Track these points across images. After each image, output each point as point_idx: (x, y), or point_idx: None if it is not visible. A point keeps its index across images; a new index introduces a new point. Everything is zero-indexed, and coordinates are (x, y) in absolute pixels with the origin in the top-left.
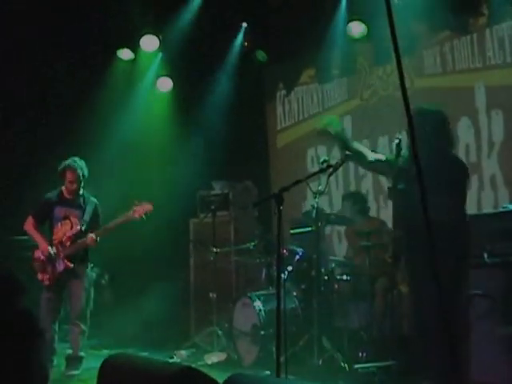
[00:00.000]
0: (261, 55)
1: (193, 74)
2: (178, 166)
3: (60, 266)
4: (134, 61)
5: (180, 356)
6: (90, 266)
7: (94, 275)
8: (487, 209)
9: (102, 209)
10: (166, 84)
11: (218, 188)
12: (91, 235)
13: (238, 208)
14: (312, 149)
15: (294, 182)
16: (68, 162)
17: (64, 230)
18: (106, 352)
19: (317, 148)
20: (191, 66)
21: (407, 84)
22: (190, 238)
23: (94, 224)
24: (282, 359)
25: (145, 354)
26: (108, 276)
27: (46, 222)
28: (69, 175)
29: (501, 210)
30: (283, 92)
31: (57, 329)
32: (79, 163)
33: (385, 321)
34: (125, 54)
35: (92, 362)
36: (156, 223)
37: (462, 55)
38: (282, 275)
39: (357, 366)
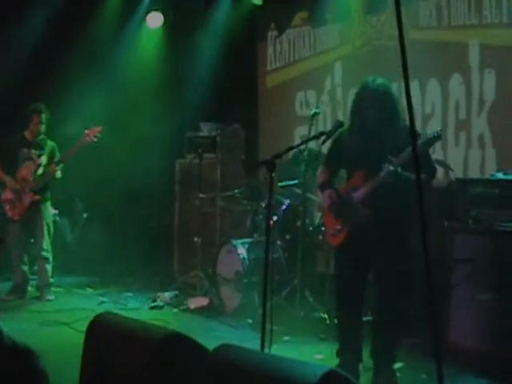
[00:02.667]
0: None
1: (184, 10)
2: (167, 105)
3: (27, 199)
4: None
5: (163, 298)
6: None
7: (52, 211)
8: (474, 168)
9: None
10: (156, 19)
11: (205, 130)
12: (52, 166)
13: (225, 151)
14: (301, 92)
15: (286, 148)
16: (35, 105)
17: (27, 168)
18: (90, 291)
19: (306, 92)
20: (183, 2)
21: None
22: (175, 179)
23: (51, 161)
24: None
25: (129, 294)
26: (87, 215)
27: (10, 166)
28: (35, 118)
29: (488, 177)
30: (275, 33)
31: (25, 258)
32: (44, 107)
33: None
34: None
35: (77, 302)
36: (142, 162)
37: (458, 11)
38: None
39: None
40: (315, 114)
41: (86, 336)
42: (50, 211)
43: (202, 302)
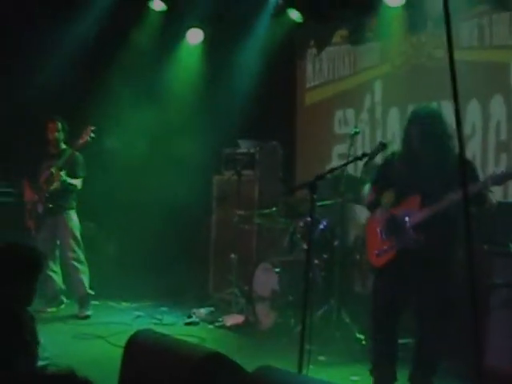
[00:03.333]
0: (295, 14)
1: (224, 28)
2: (205, 121)
3: (39, 208)
4: (165, 12)
5: (198, 315)
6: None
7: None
8: None
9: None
10: (196, 36)
11: (244, 147)
12: (56, 169)
13: (263, 168)
14: (340, 111)
15: (328, 169)
16: (51, 116)
17: (43, 178)
18: (125, 305)
19: (345, 110)
20: (223, 19)
21: (441, 54)
22: (212, 195)
23: (71, 172)
24: (300, 329)
25: (164, 309)
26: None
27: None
28: (50, 126)
29: None
30: (314, 50)
31: (56, 268)
32: (60, 117)
33: None
34: (156, 4)
35: (113, 316)
36: (179, 178)
37: (500, 31)
38: (304, 246)
39: None
40: (355, 133)
41: (124, 352)
42: (74, 219)
43: (238, 319)
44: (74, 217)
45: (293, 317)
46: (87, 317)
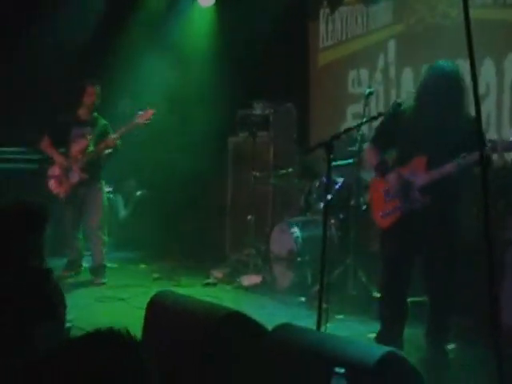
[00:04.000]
0: None
1: None
2: (219, 83)
3: (74, 178)
4: None
5: (216, 276)
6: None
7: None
8: None
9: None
10: None
11: (258, 108)
12: (102, 144)
13: (278, 130)
14: (354, 71)
15: (344, 129)
16: (88, 78)
17: (79, 146)
18: (143, 267)
19: (359, 70)
20: None
21: (455, 13)
22: (228, 157)
23: (103, 140)
24: (317, 288)
25: (182, 270)
26: (141, 192)
27: (62, 144)
28: (89, 89)
29: None
30: (327, 10)
31: (80, 241)
32: (97, 80)
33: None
34: None
35: (131, 278)
36: (195, 140)
37: None
38: (320, 203)
39: None
40: (370, 93)
41: (146, 313)
42: (103, 190)
43: (255, 279)
44: (103, 187)
45: (310, 276)
46: (102, 284)
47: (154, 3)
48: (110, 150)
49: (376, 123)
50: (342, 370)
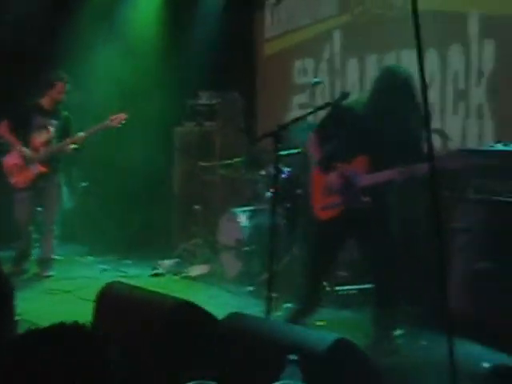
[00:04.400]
0: None
1: None
2: (165, 72)
3: (35, 169)
4: None
5: (164, 266)
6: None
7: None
8: (471, 138)
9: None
10: None
11: (204, 98)
12: (68, 141)
13: (224, 119)
14: (299, 61)
15: (292, 119)
16: (59, 73)
17: (40, 137)
18: (90, 259)
19: (304, 60)
20: None
21: (400, 3)
22: (174, 147)
23: (65, 134)
24: (264, 277)
25: (128, 261)
26: (88, 182)
27: (20, 129)
28: (60, 86)
29: (489, 148)
30: (272, 1)
31: (32, 232)
32: (67, 77)
33: None
34: None
35: (78, 270)
36: (140, 130)
37: None
38: (268, 193)
39: (338, 287)
40: (315, 83)
41: (96, 304)
42: (62, 185)
43: (203, 269)
44: (61, 182)
45: (258, 265)
46: (50, 276)
47: None
48: (74, 146)
49: (322, 113)
50: (295, 358)
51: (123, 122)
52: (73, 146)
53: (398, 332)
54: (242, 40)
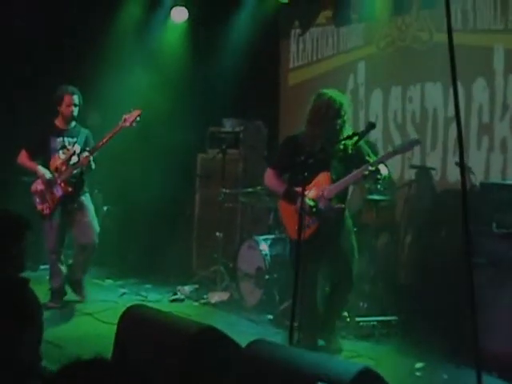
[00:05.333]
0: None
1: (209, 6)
2: (190, 99)
3: (58, 192)
4: None
5: (183, 292)
6: (96, 192)
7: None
8: (495, 172)
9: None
10: (181, 14)
11: (228, 126)
12: (85, 153)
13: (247, 147)
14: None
15: (319, 149)
16: (66, 87)
17: (60, 158)
18: (109, 282)
19: None
20: None
21: (426, 37)
22: (196, 174)
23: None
24: (284, 306)
25: (148, 286)
26: (108, 207)
27: (40, 156)
28: (67, 99)
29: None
30: (298, 31)
31: (63, 257)
32: (77, 89)
33: (386, 275)
34: None
35: (98, 293)
36: (163, 155)
37: (483, 15)
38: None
39: (358, 318)
40: None
41: (118, 327)
42: (91, 203)
43: (223, 296)
44: (90, 199)
45: (277, 294)
46: (81, 301)
47: (126, 19)
48: (91, 158)
49: (355, 144)
50: None
51: (137, 119)
52: (91, 158)
53: (418, 365)
54: (267, 69)
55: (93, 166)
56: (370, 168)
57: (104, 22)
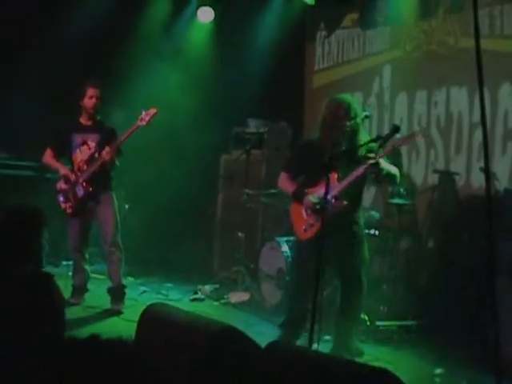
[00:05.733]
0: None
1: (235, 7)
2: (214, 99)
3: (80, 192)
4: None
5: (204, 291)
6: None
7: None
8: None
9: None
10: (207, 14)
11: (252, 126)
12: (106, 149)
13: (271, 148)
14: (348, 94)
15: (342, 151)
16: (88, 80)
17: (82, 155)
18: (130, 279)
19: (353, 93)
20: None
21: (452, 41)
22: (219, 174)
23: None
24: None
25: (169, 285)
26: (130, 205)
27: (65, 152)
28: (90, 91)
29: None
30: (324, 33)
31: (87, 255)
32: (98, 82)
33: (407, 279)
34: None
35: None
36: (187, 155)
37: (510, 20)
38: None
39: (378, 322)
40: (366, 116)
41: (138, 325)
42: (116, 202)
43: (243, 296)
44: (115, 199)
45: None
46: (120, 312)
47: (153, 17)
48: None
49: (374, 145)
50: None
51: (154, 117)
52: (113, 154)
53: (438, 370)
54: (292, 70)
55: (117, 163)
56: (371, 161)
57: (131, 20)
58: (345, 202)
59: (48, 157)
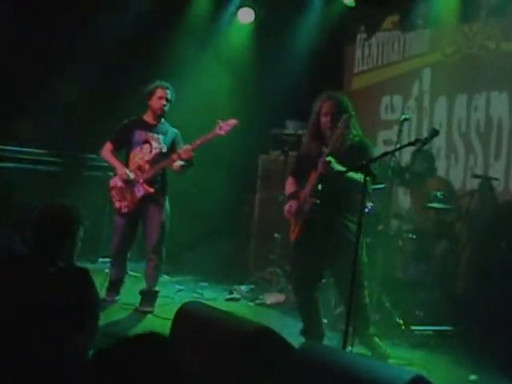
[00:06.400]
0: None
1: (276, 8)
2: (253, 99)
3: (139, 192)
4: None
5: (239, 291)
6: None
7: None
8: None
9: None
10: (247, 15)
11: (291, 127)
12: (175, 154)
13: None
14: (387, 97)
15: (381, 153)
16: (159, 81)
17: (143, 154)
18: (166, 278)
19: (392, 96)
20: None
21: (493, 45)
22: (257, 174)
23: (173, 150)
24: (340, 310)
25: (204, 284)
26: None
27: (124, 148)
28: (159, 92)
29: None
30: (364, 35)
31: (127, 261)
32: (168, 85)
33: (443, 284)
34: None
35: None
36: (226, 155)
37: None
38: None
39: (413, 327)
40: (405, 119)
41: (173, 323)
42: (167, 208)
43: (279, 298)
44: (167, 204)
45: (333, 298)
46: (148, 312)
47: (194, 19)
48: (182, 163)
49: (410, 149)
50: None
51: (234, 128)
52: (180, 163)
53: (472, 377)
54: (332, 72)
55: (177, 169)
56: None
57: (171, 20)
58: (317, 201)
59: (107, 151)
